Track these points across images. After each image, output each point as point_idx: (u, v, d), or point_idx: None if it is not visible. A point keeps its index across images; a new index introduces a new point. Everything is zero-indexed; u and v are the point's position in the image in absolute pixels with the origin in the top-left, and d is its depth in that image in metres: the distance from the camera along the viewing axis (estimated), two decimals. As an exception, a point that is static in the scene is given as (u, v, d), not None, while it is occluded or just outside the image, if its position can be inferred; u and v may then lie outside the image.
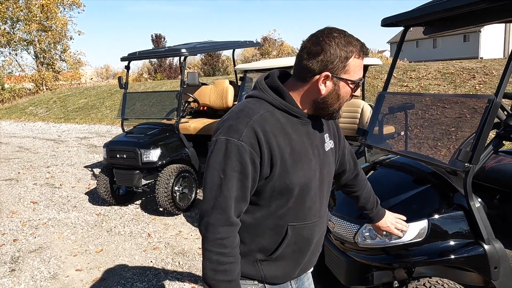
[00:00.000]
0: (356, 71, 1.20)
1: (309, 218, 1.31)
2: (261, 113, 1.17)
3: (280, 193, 1.22)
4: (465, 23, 2.50)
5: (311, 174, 1.26)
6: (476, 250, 1.86)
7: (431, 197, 2.07)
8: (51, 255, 3.92)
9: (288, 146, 1.19)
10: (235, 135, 1.13)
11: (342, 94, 1.22)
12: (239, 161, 1.13)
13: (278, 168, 1.17)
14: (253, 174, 1.15)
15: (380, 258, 2.04)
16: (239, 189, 1.14)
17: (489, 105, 1.80)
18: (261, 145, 1.14)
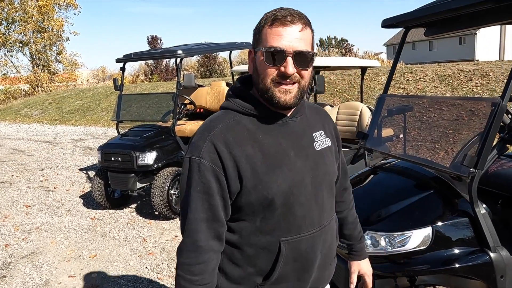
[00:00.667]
0: (268, 40, 1.05)
1: (305, 229, 1.15)
2: (223, 125, 1.08)
3: (261, 206, 1.08)
4: (467, 24, 2.46)
5: (295, 178, 1.11)
6: (482, 258, 1.81)
7: (434, 203, 2.01)
8: (43, 261, 3.83)
9: (259, 153, 1.07)
10: (196, 152, 1.06)
11: (259, 67, 1.08)
12: (201, 180, 1.04)
13: (250, 180, 1.06)
14: (220, 192, 1.05)
15: (382, 266, 1.98)
16: (206, 210, 1.05)
17: (495, 109, 1.75)
18: (224, 159, 1.04)
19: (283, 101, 1.07)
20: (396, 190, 2.21)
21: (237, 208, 1.10)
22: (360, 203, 2.28)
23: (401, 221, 1.94)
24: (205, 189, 1.05)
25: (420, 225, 1.86)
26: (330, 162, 1.23)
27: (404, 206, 2.00)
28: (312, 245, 1.17)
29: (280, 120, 1.13)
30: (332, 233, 1.26)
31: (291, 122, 1.15)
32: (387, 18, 2.51)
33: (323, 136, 1.23)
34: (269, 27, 1.05)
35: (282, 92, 1.07)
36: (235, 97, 1.15)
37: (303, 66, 1.06)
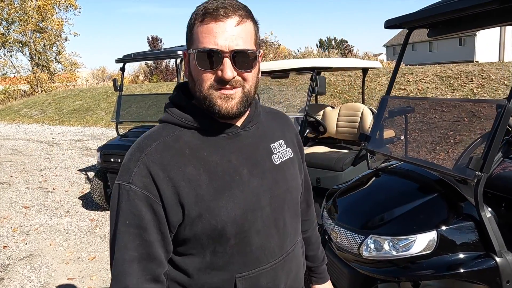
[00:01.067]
0: (199, 39, 0.87)
1: (265, 261, 0.96)
2: (159, 142, 0.89)
3: (210, 238, 0.89)
4: (471, 25, 2.44)
5: (250, 201, 0.93)
6: (487, 263, 1.78)
7: (439, 206, 1.98)
8: (42, 263, 3.79)
9: (203, 175, 0.89)
10: (125, 176, 0.87)
11: (193, 72, 0.91)
12: (131, 210, 0.85)
13: (194, 208, 0.87)
14: (155, 225, 0.86)
15: (386, 270, 1.95)
16: (139, 247, 0.85)
17: (501, 111, 1.72)
18: (159, 184, 0.85)
19: (225, 109, 0.89)
20: (399, 193, 2.18)
21: (181, 241, 0.91)
22: (362, 206, 2.26)
23: (405, 225, 1.91)
24: (136, 222, 0.85)
25: (425, 229, 1.83)
26: (293, 177, 1.05)
27: (408, 209, 1.97)
28: (274, 279, 0.99)
29: (229, 132, 0.95)
30: (298, 261, 1.08)
31: (243, 133, 0.97)
32: (390, 19, 2.49)
33: (283, 147, 1.05)
34: (200, 23, 0.87)
35: (223, 99, 0.89)
36: (174, 107, 0.96)
37: (245, 68, 0.89)
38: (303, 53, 29.02)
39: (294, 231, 1.05)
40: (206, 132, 0.93)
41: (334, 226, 2.19)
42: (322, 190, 3.71)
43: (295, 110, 10.42)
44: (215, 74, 0.88)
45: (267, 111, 1.11)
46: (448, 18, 2.30)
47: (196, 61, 0.88)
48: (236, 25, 0.87)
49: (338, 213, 2.27)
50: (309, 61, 3.87)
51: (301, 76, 11.59)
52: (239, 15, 0.88)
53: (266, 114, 1.08)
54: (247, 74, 0.90)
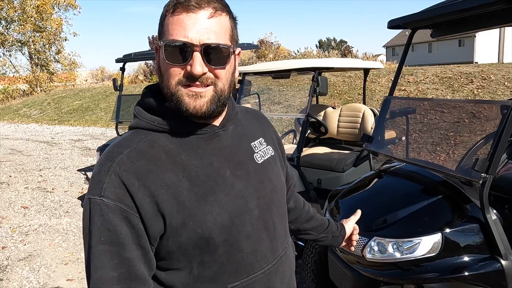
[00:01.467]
0: (169, 31, 0.81)
1: (258, 267, 0.90)
2: (130, 149, 0.82)
3: (196, 247, 0.83)
4: (474, 26, 2.42)
5: (236, 205, 0.87)
6: (493, 266, 1.76)
7: (443, 208, 1.96)
8: (41, 264, 3.77)
9: (184, 180, 0.82)
10: (95, 189, 0.79)
11: (161, 67, 0.85)
12: (106, 226, 0.77)
13: (176, 217, 0.80)
14: (134, 239, 0.78)
15: (389, 273, 1.93)
16: (117, 266, 0.77)
17: (507, 112, 1.70)
18: (135, 194, 0.78)
19: (193, 108, 0.83)
20: (403, 194, 2.16)
21: (165, 254, 0.84)
22: (366, 207, 2.23)
23: (410, 227, 1.89)
24: (112, 238, 0.77)
25: (430, 231, 1.81)
26: (277, 175, 1.01)
27: (412, 211, 1.95)
28: (268, 285, 0.93)
29: (207, 133, 0.88)
30: (291, 263, 1.03)
31: (222, 133, 0.91)
32: (394, 19, 2.47)
33: (263, 145, 1.01)
34: (171, 14, 0.81)
35: (191, 96, 0.82)
36: (144, 111, 0.89)
37: (217, 64, 0.82)
38: (302, 53, 29.02)
39: (284, 232, 1.01)
40: (182, 134, 0.87)
41: (337, 227, 2.16)
42: (323, 191, 3.69)
43: (295, 110, 10.40)
44: (184, 69, 0.81)
45: (243, 110, 1.07)
46: (452, 18, 2.28)
47: (164, 54, 0.81)
48: (209, 17, 0.81)
49: (341, 215, 2.25)
50: (311, 62, 3.84)
51: (301, 76, 11.58)
52: (213, 7, 0.81)
53: (244, 113, 1.05)
54: (219, 71, 0.83)
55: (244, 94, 4.63)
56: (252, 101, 7.39)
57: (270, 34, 30.71)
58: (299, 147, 3.55)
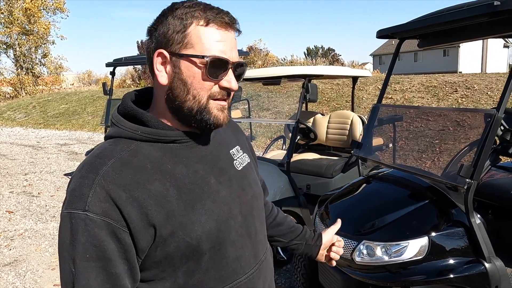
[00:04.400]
0: (204, 43, 0.81)
1: (241, 273, 0.91)
2: (115, 160, 0.79)
3: (183, 256, 0.82)
4: (459, 37, 2.51)
5: (223, 211, 0.88)
6: (477, 269, 1.82)
7: (430, 213, 2.02)
8: (27, 269, 3.71)
9: (171, 189, 0.81)
10: (78, 203, 0.75)
11: (189, 79, 0.83)
12: (91, 242, 0.74)
13: (165, 227, 0.79)
14: (121, 254, 0.76)
15: (377, 276, 1.98)
16: (103, 283, 0.75)
17: (490, 120, 1.77)
18: (123, 207, 0.75)
19: (222, 120, 0.86)
20: (391, 199, 2.22)
21: (150, 265, 0.82)
22: (355, 212, 2.29)
23: (398, 230, 1.95)
24: (98, 254, 0.74)
25: (417, 235, 1.87)
26: (255, 182, 1.03)
27: (400, 215, 2.00)
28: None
29: (190, 141, 0.88)
30: (271, 267, 1.05)
31: (204, 141, 0.92)
32: (382, 29, 2.54)
33: (240, 153, 1.02)
34: (204, 26, 0.81)
35: (220, 109, 0.85)
36: (125, 119, 0.86)
37: (238, 79, 0.87)
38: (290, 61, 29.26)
39: (264, 238, 1.02)
40: (166, 143, 0.85)
41: (327, 232, 2.20)
42: (312, 197, 3.73)
43: (284, 116, 10.47)
44: (217, 84, 0.84)
45: None
46: (439, 29, 2.36)
47: (208, 69, 0.81)
48: (236, 37, 0.87)
49: (330, 219, 2.29)
50: (301, 69, 3.91)
51: (290, 83, 11.68)
52: (238, 29, 0.87)
53: None
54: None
55: (234, 100, 4.67)
56: (241, 107, 7.43)
57: (259, 41, 30.91)
58: (289, 153, 3.60)
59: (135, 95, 0.93)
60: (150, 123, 0.85)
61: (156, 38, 0.83)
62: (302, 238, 1.24)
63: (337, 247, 1.25)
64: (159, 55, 0.83)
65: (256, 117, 10.52)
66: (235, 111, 6.24)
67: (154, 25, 0.85)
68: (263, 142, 8.98)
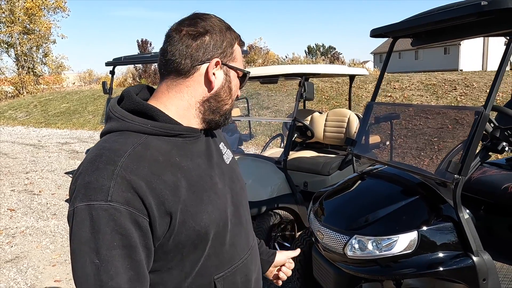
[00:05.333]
0: (241, 59, 1.01)
1: (237, 258, 1.00)
2: (130, 151, 0.83)
3: (192, 245, 0.88)
4: (451, 36, 2.55)
5: (222, 202, 0.95)
6: (465, 262, 1.86)
7: (420, 208, 2.07)
8: (28, 265, 3.77)
9: (182, 180, 0.87)
10: (99, 195, 0.77)
11: (233, 87, 0.99)
12: (117, 231, 0.77)
13: (179, 216, 0.84)
14: (142, 241, 0.80)
15: (369, 269, 2.03)
16: (128, 269, 0.78)
17: (478, 117, 1.82)
18: (144, 197, 0.80)
19: (230, 121, 1.04)
20: (383, 195, 2.27)
21: (161, 255, 0.86)
22: (348, 208, 2.34)
23: (388, 225, 1.99)
24: (124, 242, 0.77)
25: (406, 229, 1.92)
26: (240, 175, 1.13)
27: (391, 211, 2.05)
28: (246, 274, 1.03)
29: (192, 136, 0.95)
30: (257, 252, 1.15)
31: (201, 137, 0.99)
32: (376, 28, 2.59)
33: (225, 148, 1.11)
34: (240, 46, 1.00)
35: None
36: (131, 113, 0.90)
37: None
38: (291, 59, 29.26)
39: (251, 225, 1.13)
40: (171, 136, 0.91)
41: (320, 227, 2.25)
42: (309, 194, 3.78)
43: (284, 115, 10.51)
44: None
45: None
46: (431, 28, 2.41)
47: (241, 78, 1.01)
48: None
49: (324, 215, 2.34)
50: (298, 67, 3.95)
51: (289, 82, 11.72)
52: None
53: None
54: None
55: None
56: (241, 105, 7.47)
57: (259, 39, 30.88)
58: (285, 151, 3.64)
59: (134, 90, 0.99)
60: (160, 117, 0.90)
61: (208, 46, 0.92)
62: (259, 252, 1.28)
63: (287, 268, 1.31)
64: (217, 64, 0.94)
65: (256, 115, 10.57)
66: (234, 109, 6.29)
67: (196, 30, 0.91)
68: (262, 140, 9.02)
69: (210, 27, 0.92)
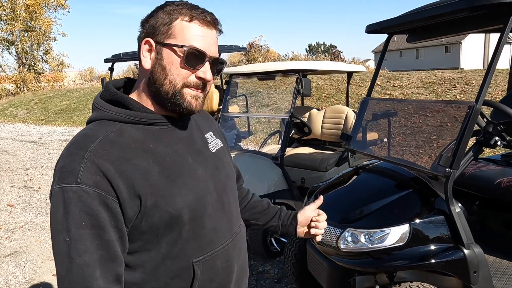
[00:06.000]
0: (186, 35, 0.92)
1: (218, 242, 1.02)
2: (102, 138, 0.88)
3: (167, 226, 0.91)
4: (446, 31, 2.56)
5: (200, 187, 0.98)
6: (456, 255, 1.88)
7: (412, 201, 2.08)
8: (27, 260, 3.80)
9: (154, 165, 0.90)
10: (70, 178, 0.82)
11: (168, 65, 0.93)
12: (85, 211, 0.81)
13: (150, 198, 0.87)
14: (113, 222, 0.84)
15: (362, 262, 2.04)
16: (98, 249, 0.82)
17: (469, 111, 1.83)
18: (112, 180, 0.83)
19: (194, 107, 0.97)
20: (376, 189, 2.28)
21: (136, 235, 0.90)
22: (342, 202, 2.35)
23: (381, 218, 2.01)
24: (92, 222, 0.81)
25: (398, 222, 1.93)
26: (228, 164, 1.14)
27: (384, 204, 2.06)
28: (228, 259, 1.05)
29: (169, 124, 0.99)
30: (244, 241, 1.16)
31: (180, 125, 1.02)
32: (371, 24, 2.59)
33: (213, 138, 1.13)
34: (187, 21, 0.93)
35: (193, 97, 0.96)
36: (108, 103, 0.95)
37: (214, 74, 0.99)
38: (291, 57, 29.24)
39: (237, 213, 1.14)
40: (147, 125, 0.95)
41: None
42: (306, 190, 3.79)
43: (283, 113, 10.52)
44: (194, 74, 0.95)
45: None
46: (426, 24, 2.42)
47: (184, 57, 0.92)
48: (217, 36, 0.99)
49: (318, 209, 2.35)
50: (295, 64, 3.97)
51: (289, 79, 11.72)
52: (220, 29, 1.00)
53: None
54: (213, 79, 0.99)
55: (231, 95, 4.73)
56: (241, 103, 7.48)
57: (260, 37, 30.86)
58: (282, 147, 3.66)
59: (116, 83, 1.04)
60: (133, 106, 0.95)
61: (146, 29, 0.96)
62: (277, 220, 1.31)
63: (316, 221, 1.28)
64: (146, 43, 0.94)
65: (254, 112, 10.58)
66: (233, 106, 6.31)
67: (146, 18, 0.97)
68: (261, 138, 9.04)
69: (154, 12, 0.96)
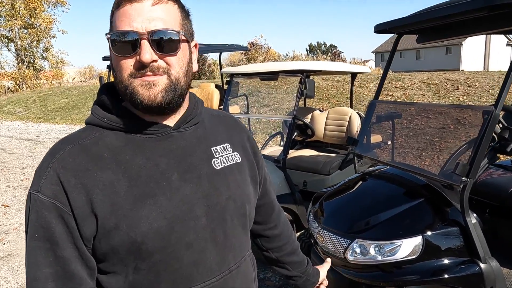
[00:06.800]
0: (114, 23, 0.80)
1: (199, 280, 0.84)
2: (73, 146, 0.79)
3: (130, 253, 0.78)
4: (458, 32, 2.45)
5: (179, 210, 0.81)
6: (472, 269, 1.78)
7: (425, 211, 1.98)
8: (20, 263, 3.68)
9: (123, 180, 0.78)
10: (35, 184, 0.77)
11: (113, 63, 0.83)
12: (40, 223, 0.75)
13: (109, 218, 0.76)
14: (70, 238, 0.75)
15: (371, 275, 1.94)
16: (51, 264, 0.75)
17: (488, 117, 1.72)
18: (69, 192, 0.75)
19: (147, 98, 0.78)
20: (386, 197, 2.18)
21: (100, 256, 0.80)
22: (349, 210, 2.25)
23: (391, 229, 1.91)
24: (46, 235, 0.75)
25: (411, 234, 1.83)
26: (237, 183, 0.93)
27: (394, 214, 1.96)
28: None
29: (159, 132, 0.85)
30: (246, 279, 0.95)
31: (177, 134, 0.87)
32: (380, 23, 2.49)
33: (228, 151, 0.94)
34: (117, 10, 0.80)
35: (144, 86, 0.79)
36: (99, 107, 0.86)
37: (167, 51, 0.79)
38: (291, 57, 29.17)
39: (240, 245, 0.93)
40: (131, 133, 0.83)
41: (320, 229, 2.16)
42: (308, 193, 3.69)
43: (284, 113, 10.42)
44: (135, 60, 0.78)
45: (214, 114, 1.01)
46: (437, 24, 2.31)
47: (113, 47, 0.78)
48: (153, 4, 0.78)
49: (324, 217, 2.25)
50: (299, 64, 3.86)
51: (290, 79, 11.63)
52: None
53: (211, 117, 0.98)
54: (170, 58, 0.80)
55: (231, 95, 4.62)
56: (241, 103, 7.38)
57: (260, 37, 30.77)
58: (285, 149, 3.55)
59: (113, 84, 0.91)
60: (114, 110, 0.84)
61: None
62: (305, 273, 1.20)
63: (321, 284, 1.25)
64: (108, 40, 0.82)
65: (255, 113, 10.48)
66: (234, 106, 6.20)
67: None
68: (262, 138, 8.94)
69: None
